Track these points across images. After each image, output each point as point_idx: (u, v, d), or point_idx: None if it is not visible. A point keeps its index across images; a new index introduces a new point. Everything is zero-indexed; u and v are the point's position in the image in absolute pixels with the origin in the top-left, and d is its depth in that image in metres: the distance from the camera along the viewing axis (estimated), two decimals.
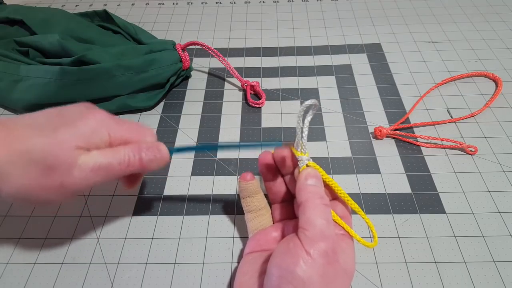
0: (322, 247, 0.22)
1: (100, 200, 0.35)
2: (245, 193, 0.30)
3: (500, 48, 0.50)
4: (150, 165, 0.27)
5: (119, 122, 0.27)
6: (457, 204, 0.34)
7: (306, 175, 0.25)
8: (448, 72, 0.47)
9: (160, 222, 0.33)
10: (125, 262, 0.31)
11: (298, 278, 0.21)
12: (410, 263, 0.30)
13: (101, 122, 0.25)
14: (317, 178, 0.25)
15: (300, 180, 0.25)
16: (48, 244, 0.32)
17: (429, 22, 0.55)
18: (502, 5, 0.57)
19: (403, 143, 0.39)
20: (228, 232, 0.32)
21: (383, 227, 0.32)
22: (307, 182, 0.25)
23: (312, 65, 0.49)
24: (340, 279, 0.23)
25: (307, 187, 0.25)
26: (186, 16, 0.58)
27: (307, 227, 0.23)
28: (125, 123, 0.27)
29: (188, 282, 0.29)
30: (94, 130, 0.25)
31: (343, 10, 0.58)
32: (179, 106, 0.44)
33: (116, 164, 0.25)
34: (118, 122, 0.27)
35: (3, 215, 0.34)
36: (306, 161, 0.26)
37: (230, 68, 0.45)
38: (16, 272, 0.30)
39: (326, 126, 0.41)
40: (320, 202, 0.24)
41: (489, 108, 0.42)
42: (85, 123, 0.25)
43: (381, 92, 0.44)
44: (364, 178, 0.36)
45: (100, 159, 0.25)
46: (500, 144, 0.38)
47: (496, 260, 0.30)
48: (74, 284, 0.29)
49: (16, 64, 0.40)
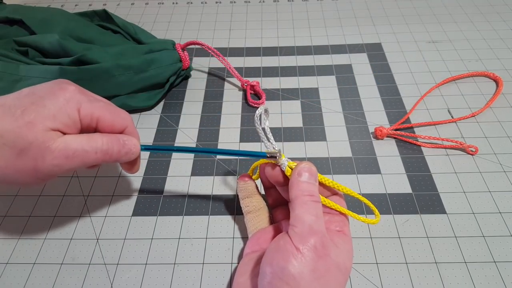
0: (311, 242, 0.22)
1: (100, 200, 0.35)
2: (243, 194, 0.30)
3: (501, 48, 0.50)
4: (123, 158, 0.27)
5: (91, 99, 0.26)
6: (458, 204, 0.33)
7: (299, 170, 0.25)
8: (448, 72, 0.46)
9: (160, 222, 0.33)
10: (125, 263, 0.31)
11: (289, 274, 0.21)
12: (410, 263, 0.30)
13: (70, 99, 0.25)
14: (311, 172, 0.25)
15: (293, 176, 0.25)
16: (47, 244, 0.32)
17: (430, 21, 0.55)
18: (503, 4, 0.57)
19: (404, 143, 0.39)
20: (228, 232, 0.32)
21: (383, 227, 0.32)
22: (300, 178, 0.25)
23: (312, 64, 0.48)
24: (332, 273, 0.23)
25: (298, 184, 0.25)
26: (186, 16, 0.58)
27: (296, 223, 0.23)
28: (98, 101, 0.26)
29: (188, 282, 0.29)
30: (61, 108, 0.24)
31: (344, 9, 0.58)
32: (179, 106, 0.44)
33: (92, 152, 0.25)
34: (90, 100, 0.26)
35: (2, 215, 0.34)
36: (286, 163, 0.26)
37: (230, 68, 0.45)
38: (15, 272, 0.30)
39: (326, 126, 0.41)
40: (309, 199, 0.24)
41: (489, 108, 0.42)
42: (53, 101, 0.24)
43: (382, 92, 0.44)
44: (365, 178, 0.36)
45: (75, 145, 0.24)
46: (501, 144, 0.38)
47: (497, 260, 0.30)
48: (73, 284, 0.29)
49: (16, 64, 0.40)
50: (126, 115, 0.28)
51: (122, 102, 0.41)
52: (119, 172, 0.37)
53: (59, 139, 0.24)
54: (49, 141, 0.23)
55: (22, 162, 0.23)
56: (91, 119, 0.26)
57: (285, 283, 0.21)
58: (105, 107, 0.26)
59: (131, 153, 0.27)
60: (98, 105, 0.26)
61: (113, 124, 0.27)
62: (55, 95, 0.24)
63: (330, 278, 0.22)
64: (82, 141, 0.25)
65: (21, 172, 0.24)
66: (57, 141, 0.24)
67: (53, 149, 0.23)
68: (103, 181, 0.36)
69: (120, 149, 0.27)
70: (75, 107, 0.25)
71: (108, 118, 0.26)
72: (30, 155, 0.23)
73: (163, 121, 0.42)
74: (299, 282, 0.21)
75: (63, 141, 0.24)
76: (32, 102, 0.24)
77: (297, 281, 0.21)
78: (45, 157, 0.23)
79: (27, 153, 0.23)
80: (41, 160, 0.23)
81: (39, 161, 0.23)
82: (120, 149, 0.27)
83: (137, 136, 0.29)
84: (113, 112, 0.27)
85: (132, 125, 0.28)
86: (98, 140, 0.25)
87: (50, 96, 0.24)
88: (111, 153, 0.26)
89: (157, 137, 0.40)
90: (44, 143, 0.23)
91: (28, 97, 0.24)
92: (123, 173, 0.37)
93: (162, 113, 0.43)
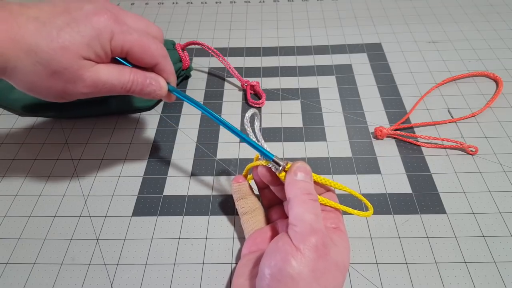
0: (312, 242, 0.22)
1: (100, 200, 0.35)
2: (238, 195, 0.30)
3: (501, 48, 0.50)
4: (147, 95, 0.28)
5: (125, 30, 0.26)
6: (458, 204, 0.33)
7: (296, 169, 0.25)
8: (448, 72, 0.46)
9: (160, 223, 0.33)
10: (125, 263, 0.31)
11: (287, 275, 0.21)
12: (410, 263, 0.30)
13: (104, 29, 0.25)
14: (306, 171, 0.25)
15: (289, 175, 0.25)
16: (47, 245, 0.32)
17: (430, 21, 0.55)
18: (503, 4, 0.57)
19: (404, 143, 0.39)
20: (227, 233, 0.32)
21: (383, 227, 0.32)
22: (296, 177, 0.25)
23: (312, 65, 0.48)
24: (331, 272, 0.23)
25: (295, 183, 0.25)
26: (186, 16, 0.58)
27: (296, 223, 0.23)
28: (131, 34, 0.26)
29: (188, 282, 0.29)
30: (95, 37, 0.24)
31: (344, 9, 0.58)
32: (178, 106, 0.44)
33: (118, 86, 0.26)
34: (123, 31, 0.26)
35: (2, 215, 0.34)
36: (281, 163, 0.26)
37: (230, 68, 0.45)
38: (15, 273, 0.30)
39: (326, 126, 0.41)
40: (308, 198, 0.24)
41: (489, 108, 0.42)
42: (88, 28, 0.24)
43: (382, 92, 0.44)
44: (365, 178, 0.36)
45: (106, 77, 0.25)
46: (501, 144, 0.38)
47: (497, 260, 0.30)
48: (73, 284, 0.29)
49: None
50: (159, 51, 0.28)
51: (122, 102, 0.41)
52: (119, 172, 0.37)
53: (92, 68, 0.25)
54: (82, 70, 0.24)
55: (54, 82, 0.24)
56: (121, 51, 0.26)
57: (283, 284, 0.21)
58: (137, 41, 0.26)
59: (154, 93, 0.28)
60: (129, 38, 0.26)
61: (142, 60, 0.27)
62: (90, 21, 0.24)
63: (330, 278, 0.22)
64: (113, 74, 0.26)
65: (50, 90, 0.25)
66: (90, 71, 0.25)
67: (85, 78, 0.25)
68: (103, 181, 0.36)
69: (143, 88, 0.28)
70: (108, 37, 0.25)
71: (138, 53, 0.27)
72: (62, 78, 0.24)
73: (163, 121, 0.42)
74: (298, 283, 0.21)
75: (96, 71, 0.25)
76: (68, 23, 0.24)
77: (296, 281, 0.21)
78: (76, 83, 0.25)
79: (60, 76, 0.24)
80: (72, 85, 0.25)
81: (69, 86, 0.25)
82: (143, 88, 0.28)
83: (170, 74, 0.29)
84: (144, 47, 0.27)
85: (164, 61, 0.28)
86: (126, 75, 0.26)
87: (85, 21, 0.24)
88: (134, 90, 0.27)
89: (157, 137, 0.40)
90: (78, 71, 0.24)
91: (64, 15, 0.24)
92: (123, 173, 0.37)
93: (162, 113, 0.43)
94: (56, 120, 0.42)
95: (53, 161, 0.38)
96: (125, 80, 0.26)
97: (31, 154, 0.39)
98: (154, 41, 0.27)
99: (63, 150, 0.39)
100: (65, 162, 0.38)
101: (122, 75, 0.26)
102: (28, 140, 0.40)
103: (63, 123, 0.42)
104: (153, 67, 0.28)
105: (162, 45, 0.28)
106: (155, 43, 0.27)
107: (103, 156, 0.38)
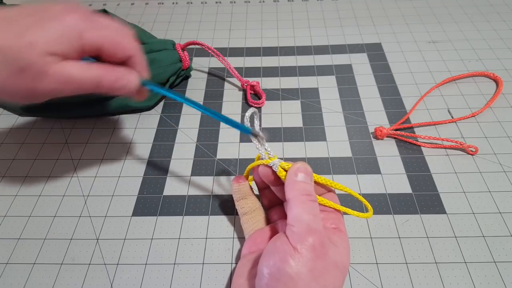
0: (309, 242, 0.22)
1: (100, 200, 0.35)
2: (238, 195, 0.30)
3: (501, 48, 0.50)
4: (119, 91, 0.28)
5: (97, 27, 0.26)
6: (458, 204, 0.33)
7: (296, 170, 0.25)
8: (448, 72, 0.46)
9: (160, 223, 0.33)
10: (125, 263, 0.31)
11: (286, 274, 0.21)
12: (410, 263, 0.30)
13: (74, 26, 0.24)
14: (306, 172, 0.25)
15: (289, 175, 0.25)
16: (47, 245, 0.32)
17: (430, 21, 0.55)
18: (503, 4, 0.57)
19: (404, 143, 0.39)
20: (228, 233, 0.32)
21: (383, 227, 0.32)
22: (296, 178, 0.25)
23: (312, 65, 0.48)
24: (330, 272, 0.22)
25: (295, 184, 0.25)
26: (186, 16, 0.58)
27: (294, 223, 0.23)
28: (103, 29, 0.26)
29: (188, 282, 0.29)
30: (64, 34, 0.24)
31: (344, 9, 0.58)
32: (178, 106, 0.44)
33: (87, 82, 0.26)
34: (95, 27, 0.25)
35: (2, 215, 0.34)
36: (278, 163, 0.26)
37: (230, 68, 0.45)
38: (15, 273, 0.30)
39: (326, 126, 0.41)
40: (307, 199, 0.24)
41: (489, 108, 0.42)
42: (56, 25, 0.24)
43: (382, 92, 0.44)
44: (365, 178, 0.36)
45: (72, 73, 0.25)
46: (501, 144, 0.38)
47: (497, 260, 0.30)
48: (73, 284, 0.29)
49: None
50: (131, 44, 0.28)
51: (121, 102, 0.41)
52: (119, 172, 0.37)
53: (57, 64, 0.24)
54: (47, 65, 0.24)
55: (20, 81, 0.24)
56: (93, 48, 0.26)
57: (282, 284, 0.21)
58: (109, 36, 0.26)
59: (126, 88, 0.28)
60: (102, 33, 0.26)
61: (115, 55, 0.27)
62: (59, 19, 0.24)
63: (329, 277, 0.22)
64: (79, 69, 0.25)
65: (19, 90, 0.24)
66: (55, 66, 0.24)
67: (51, 73, 0.24)
68: (103, 181, 0.36)
69: (113, 84, 0.27)
70: (77, 34, 0.25)
71: (110, 48, 0.26)
72: (28, 75, 0.24)
73: (163, 121, 0.42)
74: (297, 282, 0.21)
75: (62, 66, 0.24)
76: (36, 21, 0.24)
77: (295, 281, 0.21)
78: (42, 80, 0.24)
79: (26, 73, 0.24)
80: (38, 82, 0.24)
81: (36, 83, 0.24)
82: (113, 84, 0.27)
83: (142, 68, 0.29)
84: (116, 41, 0.27)
85: (137, 54, 0.28)
86: (94, 70, 0.26)
87: (54, 19, 0.24)
88: (103, 85, 0.26)
89: (157, 137, 0.40)
90: (43, 67, 0.24)
91: (33, 15, 0.24)
92: (123, 173, 0.37)
93: (162, 113, 0.43)
94: (56, 120, 0.42)
95: (53, 161, 0.38)
96: (93, 75, 0.26)
97: (31, 154, 0.39)
98: (126, 36, 0.27)
99: (63, 150, 0.39)
100: (65, 162, 0.38)
101: (90, 70, 0.26)
102: (28, 140, 0.40)
103: (63, 123, 0.42)
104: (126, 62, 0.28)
105: (134, 40, 0.28)
106: (127, 37, 0.27)
107: (103, 156, 0.38)
